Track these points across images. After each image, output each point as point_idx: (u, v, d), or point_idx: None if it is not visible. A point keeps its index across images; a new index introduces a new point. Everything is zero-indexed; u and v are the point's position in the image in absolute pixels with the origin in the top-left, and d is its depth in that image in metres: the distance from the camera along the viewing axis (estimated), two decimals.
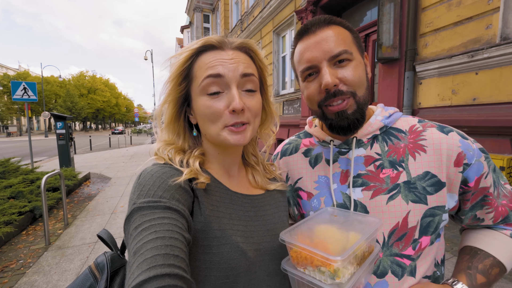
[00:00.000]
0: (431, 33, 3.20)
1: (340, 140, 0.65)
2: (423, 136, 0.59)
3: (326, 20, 0.58)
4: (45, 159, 10.28)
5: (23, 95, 5.95)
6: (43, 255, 2.70)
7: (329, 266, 0.42)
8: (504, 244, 0.57)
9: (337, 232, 0.49)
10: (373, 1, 4.34)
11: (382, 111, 0.65)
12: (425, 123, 0.62)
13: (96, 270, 0.54)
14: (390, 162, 0.59)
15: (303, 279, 0.46)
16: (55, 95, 38.63)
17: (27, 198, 3.65)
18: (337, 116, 0.57)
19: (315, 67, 0.57)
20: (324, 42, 0.56)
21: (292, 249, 0.49)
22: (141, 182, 0.46)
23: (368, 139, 0.62)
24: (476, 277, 0.53)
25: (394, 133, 0.62)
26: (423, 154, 0.57)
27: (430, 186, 0.55)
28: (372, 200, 0.58)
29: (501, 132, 2.58)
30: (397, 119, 0.64)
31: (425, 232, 0.56)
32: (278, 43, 7.32)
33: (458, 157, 0.55)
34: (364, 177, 0.60)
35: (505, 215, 0.58)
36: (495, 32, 2.62)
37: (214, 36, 0.53)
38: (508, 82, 2.53)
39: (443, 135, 0.57)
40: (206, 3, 14.15)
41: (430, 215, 0.55)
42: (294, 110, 6.46)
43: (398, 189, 0.57)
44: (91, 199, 4.60)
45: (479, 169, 0.55)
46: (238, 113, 0.50)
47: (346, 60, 0.56)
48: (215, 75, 0.50)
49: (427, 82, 3.27)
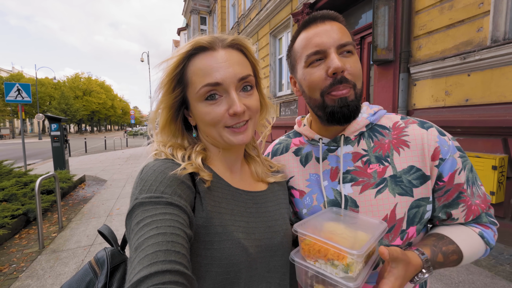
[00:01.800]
0: (425, 36, 3.26)
1: (329, 138, 0.67)
2: (406, 132, 0.62)
3: (332, 15, 0.61)
4: (38, 161, 10.13)
5: (16, 96, 5.87)
6: (36, 259, 2.65)
7: (343, 260, 0.44)
8: (470, 238, 0.59)
9: (345, 230, 0.50)
10: (368, 4, 4.40)
11: (367, 109, 0.67)
12: (407, 120, 0.64)
13: (96, 265, 0.54)
14: (376, 158, 0.61)
15: (314, 271, 0.47)
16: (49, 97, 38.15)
17: (21, 201, 3.59)
18: (339, 102, 0.57)
19: (324, 52, 0.57)
20: (333, 31, 0.58)
21: (303, 241, 0.49)
22: (143, 177, 0.46)
23: (355, 136, 0.64)
24: (437, 255, 0.55)
25: (379, 130, 0.65)
26: (406, 149, 0.60)
27: (416, 179, 0.58)
28: (362, 195, 0.60)
29: (493, 132, 2.63)
30: (381, 116, 0.67)
31: (411, 222, 0.58)
32: (275, 45, 7.37)
33: (435, 152, 0.58)
34: (352, 173, 0.62)
35: (477, 215, 0.60)
36: (486, 35, 2.68)
37: (204, 37, 0.52)
38: (499, 83, 2.58)
39: (423, 130, 0.60)
40: (203, 5, 14.18)
41: (416, 206, 0.58)
42: (291, 111, 6.49)
43: (385, 183, 0.59)
44: (86, 201, 4.54)
45: (452, 165, 0.57)
46: (239, 115, 0.51)
47: (350, 52, 0.59)
48: (213, 84, 0.49)
49: (421, 83, 3.33)
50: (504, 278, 2.07)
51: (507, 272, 2.15)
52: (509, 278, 2.07)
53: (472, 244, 0.59)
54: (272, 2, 6.77)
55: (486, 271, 2.19)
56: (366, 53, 4.52)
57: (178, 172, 0.47)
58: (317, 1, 5.04)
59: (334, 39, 0.57)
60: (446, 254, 0.56)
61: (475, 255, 0.60)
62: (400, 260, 0.47)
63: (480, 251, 0.60)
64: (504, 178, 2.55)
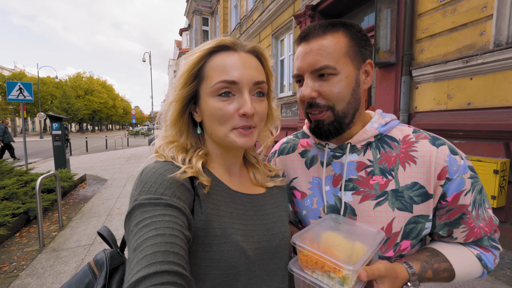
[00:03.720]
0: (427, 39, 3.26)
1: (335, 144, 0.67)
2: (415, 148, 0.60)
3: (323, 28, 0.58)
4: (40, 160, 10.15)
5: (18, 95, 5.89)
6: (37, 257, 2.65)
7: (339, 273, 0.45)
8: (466, 259, 0.58)
9: (343, 240, 0.51)
10: (370, 6, 4.41)
11: (379, 119, 0.65)
12: (418, 134, 0.62)
13: (95, 267, 0.54)
14: (381, 170, 0.61)
15: (311, 281, 0.48)
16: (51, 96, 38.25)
17: (21, 200, 3.60)
18: (314, 123, 0.62)
19: (300, 76, 0.60)
20: (311, 54, 0.57)
21: (301, 252, 0.50)
22: (143, 179, 0.46)
23: (362, 145, 0.64)
24: (427, 271, 0.55)
25: (388, 141, 0.63)
26: (412, 165, 0.59)
27: (417, 196, 0.57)
28: (361, 204, 0.60)
29: (495, 136, 2.62)
30: (393, 128, 0.65)
31: (406, 237, 0.58)
32: (277, 46, 7.38)
33: (442, 171, 0.56)
34: (355, 182, 0.62)
35: (478, 237, 0.59)
36: (488, 39, 2.68)
37: (227, 37, 0.54)
38: (501, 87, 2.58)
39: (433, 148, 0.58)
40: (206, 6, 14.23)
41: (413, 222, 0.58)
42: (292, 113, 6.49)
43: (385, 196, 0.59)
44: (87, 201, 4.54)
45: (459, 185, 0.56)
46: (248, 117, 0.51)
47: (329, 75, 0.56)
48: (229, 82, 0.50)
49: (423, 86, 3.32)
50: (504, 283, 2.06)
51: (508, 276, 2.14)
52: (510, 282, 2.06)
53: (467, 265, 0.58)
54: (274, 3, 6.79)
55: (487, 275, 2.18)
56: None
57: (177, 175, 0.47)
58: (319, 3, 5.05)
59: (309, 64, 0.57)
60: (436, 271, 0.56)
61: (469, 275, 0.59)
62: (385, 276, 0.48)
63: (475, 272, 0.59)
64: (505, 182, 2.55)
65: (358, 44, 0.59)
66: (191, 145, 0.59)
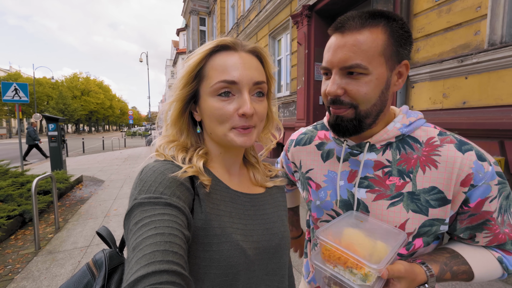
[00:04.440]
0: (423, 38, 3.28)
1: (354, 142, 0.65)
2: (438, 152, 0.57)
3: (362, 20, 0.53)
4: (35, 161, 10.07)
5: (13, 96, 5.84)
6: (32, 260, 2.63)
7: (361, 270, 0.46)
8: (487, 262, 0.57)
9: (365, 239, 0.51)
10: (366, 6, 4.43)
11: (403, 118, 0.62)
12: (444, 137, 0.59)
13: (94, 267, 0.54)
14: (399, 171, 0.59)
15: (333, 275, 0.49)
16: (47, 96, 37.91)
17: (17, 202, 3.56)
18: (334, 118, 0.60)
19: (329, 70, 0.58)
20: (343, 49, 0.53)
21: (324, 246, 0.51)
22: (142, 178, 0.46)
23: (382, 145, 0.61)
24: (446, 273, 0.55)
25: (410, 142, 0.60)
26: (433, 169, 0.56)
27: (435, 200, 0.56)
28: (374, 203, 0.60)
29: (490, 135, 2.65)
30: (417, 128, 0.61)
31: (418, 236, 0.58)
32: (274, 46, 7.39)
33: (467, 178, 0.53)
34: (370, 180, 0.62)
35: (502, 242, 0.57)
36: (483, 38, 2.70)
37: (227, 37, 0.54)
38: (496, 86, 2.60)
39: (459, 153, 0.55)
40: (203, 6, 14.20)
41: (429, 225, 0.57)
42: (289, 113, 6.50)
43: (400, 198, 0.57)
44: (84, 202, 4.51)
45: (485, 192, 0.53)
46: (247, 117, 0.51)
47: (359, 74, 0.54)
48: (229, 82, 0.50)
49: (419, 86, 3.35)
50: (500, 280, 2.08)
51: None
52: (506, 280, 2.08)
53: (487, 267, 0.57)
54: (271, 3, 6.79)
55: None
56: None
57: (179, 174, 0.47)
58: (316, 3, 5.06)
59: (340, 60, 0.54)
60: (455, 273, 0.55)
61: (489, 277, 0.58)
62: (404, 277, 0.48)
63: (495, 274, 0.58)
64: None
65: (397, 43, 0.54)
66: (191, 144, 0.59)
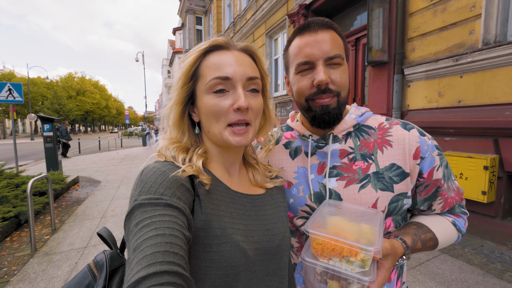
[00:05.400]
0: (418, 38, 3.31)
1: (318, 135, 0.71)
2: (390, 133, 0.67)
3: (326, 24, 0.63)
4: (31, 162, 9.95)
5: (7, 96, 5.76)
6: (28, 262, 2.60)
7: (357, 256, 0.46)
8: (444, 227, 0.67)
9: (349, 224, 0.52)
10: (363, 6, 4.45)
11: (355, 110, 0.71)
12: (391, 121, 0.70)
13: (95, 268, 0.53)
14: (362, 155, 0.66)
15: (329, 269, 0.48)
16: (42, 96, 37.46)
17: (12, 203, 3.52)
18: (321, 109, 0.63)
19: (312, 63, 0.61)
20: (323, 43, 0.61)
21: (315, 241, 0.50)
22: (142, 179, 0.46)
23: (343, 135, 0.69)
24: (417, 243, 0.62)
25: (365, 130, 0.70)
26: (389, 148, 0.65)
27: (396, 176, 0.63)
28: (346, 189, 0.65)
29: (485, 133, 2.68)
30: (368, 118, 0.72)
31: (389, 214, 0.64)
32: (271, 45, 7.38)
33: (416, 151, 0.63)
34: (339, 169, 0.67)
35: (452, 206, 0.68)
36: (477, 38, 2.73)
37: (220, 38, 0.55)
38: (490, 85, 2.64)
39: (405, 131, 0.66)
40: (199, 5, 14.13)
41: (396, 200, 0.63)
42: (286, 112, 6.51)
43: (368, 179, 0.64)
44: (80, 203, 4.48)
45: (431, 162, 0.64)
46: (243, 111, 0.52)
47: (338, 64, 0.62)
48: (223, 78, 0.51)
49: (415, 84, 3.37)
50: (495, 276, 2.12)
51: (498, 270, 2.20)
52: (500, 276, 2.12)
53: (446, 231, 0.66)
54: (268, 2, 6.78)
55: (478, 269, 2.23)
56: (361, 54, 4.56)
57: (179, 173, 0.48)
58: (312, 2, 5.07)
59: (324, 51, 0.60)
60: (424, 241, 0.63)
61: (449, 241, 0.68)
62: (390, 254, 0.53)
63: (453, 237, 0.68)
64: (495, 178, 2.61)
65: (345, 43, 0.66)
66: (191, 144, 0.59)
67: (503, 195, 2.62)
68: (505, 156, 2.56)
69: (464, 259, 2.39)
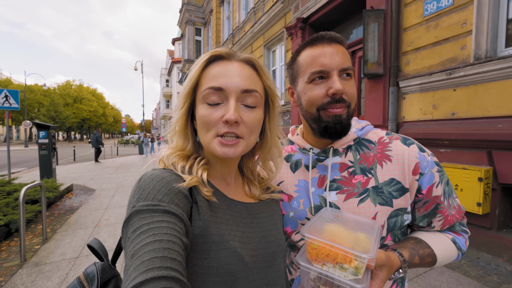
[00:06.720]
0: (413, 52, 3.41)
1: (319, 149, 0.72)
2: (389, 148, 0.67)
3: (338, 38, 0.65)
4: (24, 170, 9.77)
5: (3, 103, 5.73)
6: (17, 272, 2.51)
7: (351, 263, 0.46)
8: (444, 244, 0.66)
9: (345, 232, 0.52)
10: (359, 20, 4.60)
11: (356, 124, 0.72)
12: (391, 136, 0.70)
13: (86, 280, 0.52)
14: (361, 169, 0.66)
15: (322, 274, 0.48)
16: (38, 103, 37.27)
17: (3, 211, 3.43)
18: (334, 118, 0.63)
19: (327, 73, 0.62)
20: (339, 54, 0.63)
21: (310, 245, 0.50)
22: (141, 186, 0.46)
23: (343, 148, 0.69)
24: (414, 257, 0.61)
25: (365, 144, 0.70)
26: (389, 163, 0.65)
27: (396, 191, 0.63)
28: (345, 203, 0.65)
29: (478, 145, 2.73)
30: (368, 131, 0.72)
31: (390, 230, 0.64)
32: (269, 57, 7.53)
33: (416, 167, 0.63)
34: (338, 182, 0.67)
35: (452, 224, 0.67)
36: (469, 53, 2.83)
37: (223, 48, 0.56)
38: (482, 98, 2.71)
39: (405, 147, 0.66)
40: (198, 17, 14.45)
41: (394, 215, 0.63)
42: (284, 122, 6.56)
43: (367, 193, 0.64)
44: (73, 212, 4.38)
45: (431, 179, 0.63)
46: (231, 124, 0.51)
47: (349, 76, 0.64)
48: (216, 88, 0.51)
49: (410, 97, 3.45)
50: (496, 280, 2.10)
51: (495, 282, 2.18)
52: (503, 279, 2.10)
53: (445, 248, 0.65)
54: (266, 15, 6.97)
55: (475, 281, 2.21)
56: (357, 67, 4.67)
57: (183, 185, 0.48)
58: (310, 16, 5.23)
59: (338, 62, 0.62)
60: (422, 256, 0.62)
61: (448, 258, 0.66)
62: (385, 265, 0.53)
63: (452, 255, 0.67)
64: (489, 189, 2.63)
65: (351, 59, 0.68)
66: (194, 151, 0.60)
67: (498, 207, 2.64)
68: (499, 168, 2.60)
69: (461, 271, 2.38)
